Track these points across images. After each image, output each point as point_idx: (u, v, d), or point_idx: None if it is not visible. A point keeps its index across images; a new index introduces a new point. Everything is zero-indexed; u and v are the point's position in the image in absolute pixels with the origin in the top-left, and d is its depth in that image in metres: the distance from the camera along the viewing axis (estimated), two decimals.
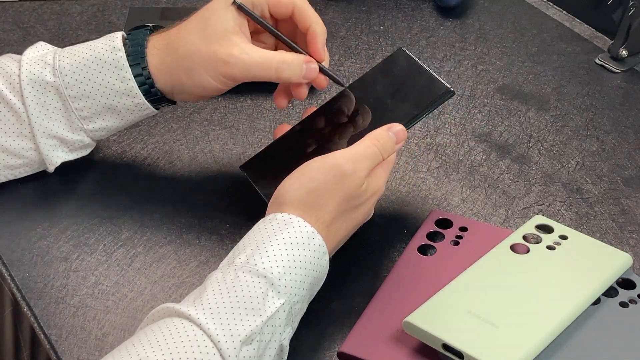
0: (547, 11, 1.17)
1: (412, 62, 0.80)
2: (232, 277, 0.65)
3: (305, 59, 0.78)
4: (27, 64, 0.80)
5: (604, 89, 1.03)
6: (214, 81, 0.78)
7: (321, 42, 0.79)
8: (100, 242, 0.81)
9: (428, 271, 0.76)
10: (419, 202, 0.86)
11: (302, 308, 0.68)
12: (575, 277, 0.73)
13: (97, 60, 0.79)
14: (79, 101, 0.80)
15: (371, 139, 0.74)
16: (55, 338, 0.73)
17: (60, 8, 1.14)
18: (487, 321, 0.68)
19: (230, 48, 0.76)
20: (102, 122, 0.81)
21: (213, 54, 0.76)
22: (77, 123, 0.81)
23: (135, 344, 0.61)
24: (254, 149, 0.91)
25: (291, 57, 0.78)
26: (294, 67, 0.77)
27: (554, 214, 0.85)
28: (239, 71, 0.77)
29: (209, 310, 0.62)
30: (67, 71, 0.79)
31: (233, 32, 0.77)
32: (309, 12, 0.79)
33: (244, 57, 0.76)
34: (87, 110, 0.80)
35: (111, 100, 0.80)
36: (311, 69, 0.78)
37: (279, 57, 0.77)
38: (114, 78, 0.79)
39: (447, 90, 0.77)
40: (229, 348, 0.61)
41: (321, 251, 0.69)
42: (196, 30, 0.78)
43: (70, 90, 0.79)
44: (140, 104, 0.80)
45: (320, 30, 0.79)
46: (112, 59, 0.79)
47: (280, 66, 0.77)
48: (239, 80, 0.79)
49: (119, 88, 0.79)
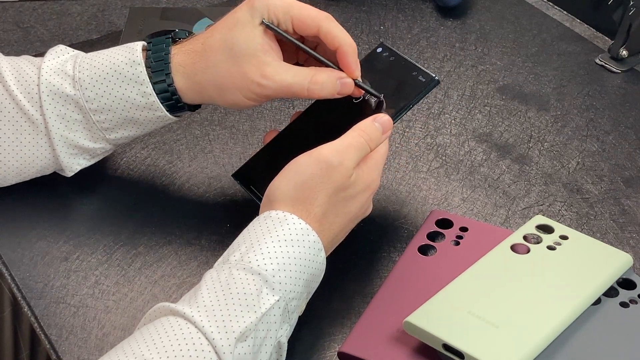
0: (547, 11, 1.17)
1: (395, 55, 0.80)
2: (226, 274, 0.65)
3: (337, 75, 0.76)
4: (46, 73, 0.78)
5: (604, 89, 1.03)
6: (247, 100, 0.77)
7: (353, 60, 0.77)
8: (100, 242, 0.81)
9: (428, 271, 0.76)
10: (419, 202, 0.86)
11: (300, 305, 0.68)
12: (575, 277, 0.73)
13: (116, 74, 0.78)
14: (99, 114, 0.79)
15: (357, 130, 0.73)
16: (55, 338, 0.73)
17: (60, 8, 1.14)
18: (488, 321, 0.68)
19: (262, 69, 0.75)
20: (124, 132, 0.81)
21: (245, 76, 0.75)
22: (98, 133, 0.80)
23: (132, 343, 0.61)
24: (254, 149, 0.91)
25: (324, 77, 0.75)
26: (327, 86, 0.76)
27: (555, 214, 0.85)
28: (272, 92, 0.76)
29: (203, 308, 0.63)
30: (87, 84, 0.78)
31: (262, 50, 0.75)
32: (336, 32, 0.76)
33: (277, 78, 0.75)
34: (109, 123, 0.79)
35: (132, 114, 0.79)
36: (345, 84, 0.76)
37: (312, 76, 0.75)
38: (135, 92, 0.78)
39: (432, 79, 0.77)
40: (223, 345, 0.61)
41: (316, 247, 0.69)
42: (223, 50, 0.76)
43: (91, 103, 0.78)
44: (162, 116, 0.79)
45: (351, 50, 0.76)
46: (132, 73, 0.77)
47: (312, 87, 0.75)
48: (272, 98, 0.78)
49: (139, 102, 0.78)
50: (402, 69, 0.79)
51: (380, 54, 0.81)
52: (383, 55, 0.81)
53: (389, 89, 0.78)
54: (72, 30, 1.09)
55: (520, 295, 0.71)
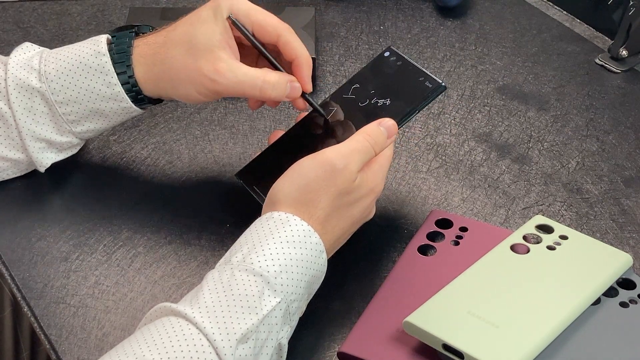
0: (547, 11, 1.17)
1: (402, 60, 0.80)
2: (228, 275, 0.65)
3: (289, 78, 0.78)
4: (13, 67, 0.80)
5: (604, 89, 1.03)
6: (198, 95, 0.78)
7: (307, 73, 0.79)
8: (100, 242, 0.81)
9: (428, 271, 0.76)
10: (419, 202, 0.86)
11: (300, 307, 0.68)
12: (575, 277, 0.73)
13: (82, 65, 0.79)
14: (65, 106, 0.80)
15: (362, 133, 0.74)
16: (55, 338, 0.73)
17: (60, 8, 1.14)
18: (488, 321, 0.68)
19: (216, 64, 0.76)
20: (90, 124, 0.82)
21: (199, 70, 0.76)
22: (64, 126, 0.81)
23: (132, 344, 0.61)
24: (254, 149, 0.91)
25: (276, 77, 0.77)
26: (278, 87, 0.77)
27: (554, 214, 0.85)
28: (223, 88, 0.77)
29: (205, 309, 0.63)
30: (53, 77, 0.80)
31: (219, 46, 0.77)
32: (294, 44, 0.78)
33: (229, 75, 0.76)
34: (75, 115, 0.81)
35: (98, 105, 0.80)
36: (294, 88, 0.78)
37: (264, 76, 0.77)
38: (100, 83, 0.79)
39: (439, 85, 0.77)
40: (224, 347, 0.61)
41: (318, 249, 0.69)
42: (182, 43, 0.77)
43: (57, 95, 0.80)
44: (128, 107, 0.81)
45: (306, 63, 0.79)
46: (97, 64, 0.79)
47: (265, 86, 0.77)
48: (224, 96, 0.79)
49: (105, 93, 0.80)
50: (408, 73, 0.79)
51: (388, 58, 0.81)
52: (390, 60, 0.81)
53: (395, 93, 0.78)
54: (72, 30, 1.09)
55: (520, 295, 0.71)
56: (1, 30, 1.09)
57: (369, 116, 0.76)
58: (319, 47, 1.07)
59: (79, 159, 0.89)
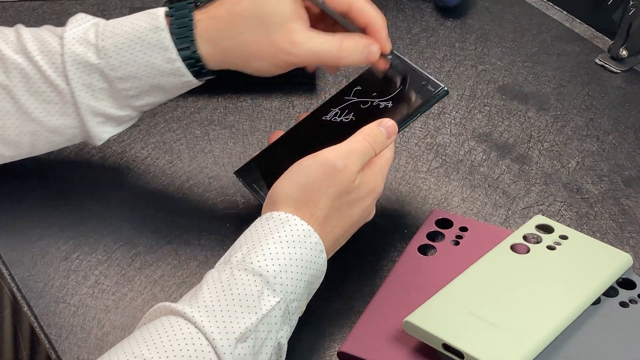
0: (547, 11, 1.17)
1: (405, 63, 0.80)
2: (227, 275, 0.65)
3: (366, 42, 0.77)
4: (69, 43, 0.78)
5: (604, 89, 1.03)
6: (272, 68, 0.77)
7: (384, 36, 0.77)
8: (100, 242, 0.81)
9: (428, 271, 0.76)
10: (419, 202, 0.86)
11: (300, 307, 0.68)
12: (575, 277, 0.73)
13: (140, 41, 0.77)
14: (125, 82, 0.78)
15: (362, 134, 0.73)
16: (55, 338, 0.73)
17: (60, 8, 1.14)
18: (488, 321, 0.68)
19: (291, 36, 0.75)
20: (150, 98, 0.80)
21: (274, 44, 0.75)
22: (124, 101, 0.79)
23: (131, 343, 0.61)
24: (254, 149, 0.91)
25: (352, 42, 0.76)
26: (355, 51, 0.76)
27: (554, 214, 0.85)
28: (300, 60, 0.76)
29: (204, 308, 0.63)
30: (112, 52, 0.77)
31: (291, 18, 0.75)
32: (366, 8, 0.77)
33: (305, 46, 0.75)
34: (135, 90, 0.79)
35: (158, 80, 0.78)
36: (372, 53, 0.77)
37: (340, 43, 0.76)
38: (159, 59, 0.77)
39: (441, 89, 0.77)
40: (223, 345, 0.61)
41: (318, 249, 0.69)
42: (252, 17, 0.75)
43: (116, 72, 0.78)
44: (188, 81, 0.79)
45: (381, 25, 0.77)
46: (157, 40, 0.77)
47: (342, 53, 0.76)
48: (300, 65, 0.78)
49: (165, 69, 0.77)
50: (411, 77, 0.79)
51: (390, 61, 0.81)
52: (393, 63, 0.81)
53: (397, 96, 0.78)
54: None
55: (520, 295, 0.71)
56: None
57: (370, 118, 0.76)
58: None
59: (79, 158, 0.89)
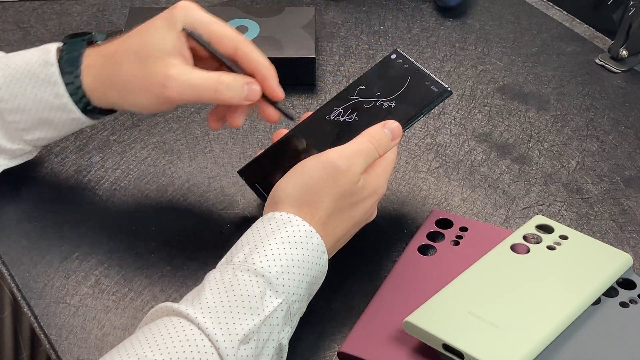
0: (547, 11, 1.17)
1: (408, 63, 0.80)
2: (230, 276, 0.65)
3: (246, 80, 0.75)
4: None
5: (604, 89, 1.03)
6: (149, 103, 0.76)
7: (274, 83, 0.76)
8: (100, 242, 0.81)
9: (428, 271, 0.76)
10: (419, 202, 0.86)
11: (301, 307, 0.68)
12: (575, 277, 0.73)
13: (30, 74, 0.77)
14: (14, 114, 0.78)
15: (366, 135, 0.73)
16: (55, 338, 0.73)
17: (60, 8, 1.14)
18: (488, 321, 0.68)
19: (166, 69, 0.74)
20: (40, 133, 0.80)
21: (149, 76, 0.74)
22: (15, 134, 0.80)
23: (134, 343, 0.61)
24: (254, 149, 0.91)
25: (231, 77, 0.74)
26: (234, 87, 0.74)
27: (554, 214, 0.85)
28: (176, 94, 0.74)
29: (207, 309, 0.63)
30: (2, 84, 0.78)
31: (171, 53, 0.74)
32: (253, 55, 0.75)
33: (181, 78, 0.73)
34: (24, 123, 0.79)
35: (47, 114, 0.78)
36: (253, 90, 0.75)
37: (218, 77, 0.74)
38: (48, 93, 0.77)
39: (445, 90, 0.77)
40: (227, 347, 0.61)
41: (319, 250, 0.69)
42: (133, 52, 0.75)
43: (5, 103, 0.78)
44: (77, 118, 0.79)
45: (269, 72, 0.75)
46: (45, 74, 0.77)
47: (219, 87, 0.74)
48: (177, 102, 0.76)
49: (53, 103, 0.78)
50: (414, 77, 0.79)
51: (394, 60, 0.81)
52: (397, 62, 0.81)
53: (401, 96, 0.78)
54: (72, 30, 1.09)
55: (520, 295, 0.71)
56: (1, 30, 1.09)
57: (374, 118, 0.76)
58: (319, 47, 1.07)
59: (79, 158, 0.89)
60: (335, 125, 0.79)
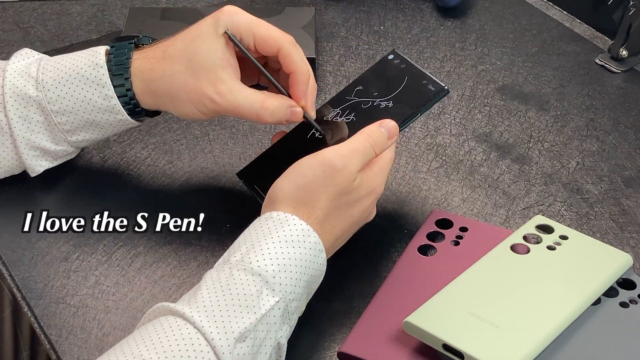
0: (547, 11, 1.17)
1: (406, 63, 0.80)
2: (226, 275, 0.65)
3: (288, 103, 0.76)
4: (10, 75, 0.79)
5: (604, 89, 1.03)
6: (199, 112, 0.77)
7: (303, 88, 0.77)
8: (100, 242, 0.81)
9: (428, 271, 0.76)
10: (419, 202, 0.86)
11: (300, 306, 0.68)
12: (575, 277, 0.73)
13: (79, 76, 0.78)
14: (61, 116, 0.79)
15: (362, 134, 0.74)
16: (55, 338, 0.73)
17: (60, 8, 1.14)
18: (488, 321, 0.68)
19: (216, 85, 0.75)
20: (85, 134, 0.81)
21: (200, 89, 0.75)
22: (60, 136, 0.81)
23: (130, 343, 0.61)
24: (254, 149, 0.91)
25: (275, 104, 0.76)
26: (277, 113, 0.76)
27: (554, 214, 0.85)
28: (222, 109, 0.76)
29: (203, 308, 0.63)
30: (50, 86, 0.79)
31: (221, 65, 0.75)
32: (294, 57, 0.76)
33: (229, 97, 0.75)
34: (70, 125, 0.80)
35: (94, 116, 0.79)
36: (294, 113, 0.77)
37: (263, 102, 0.75)
38: (97, 95, 0.78)
39: (442, 89, 0.77)
40: (222, 345, 0.61)
41: (317, 249, 0.69)
42: (182, 60, 0.76)
43: (53, 105, 0.79)
44: (124, 119, 0.80)
45: (304, 78, 0.77)
46: (95, 76, 0.78)
47: (262, 112, 0.75)
48: (222, 115, 0.78)
49: (101, 105, 0.79)
50: (412, 76, 0.79)
51: (392, 60, 0.81)
52: (394, 62, 0.81)
53: (398, 95, 0.78)
54: (72, 30, 1.09)
55: (520, 295, 0.71)
56: (1, 30, 1.09)
57: (371, 118, 0.77)
58: (319, 47, 1.07)
59: (79, 158, 0.89)
60: (333, 127, 0.79)
